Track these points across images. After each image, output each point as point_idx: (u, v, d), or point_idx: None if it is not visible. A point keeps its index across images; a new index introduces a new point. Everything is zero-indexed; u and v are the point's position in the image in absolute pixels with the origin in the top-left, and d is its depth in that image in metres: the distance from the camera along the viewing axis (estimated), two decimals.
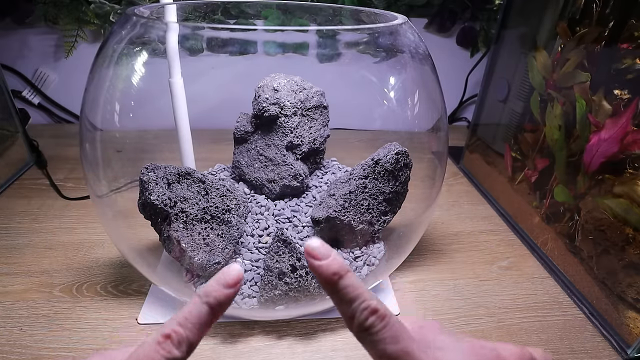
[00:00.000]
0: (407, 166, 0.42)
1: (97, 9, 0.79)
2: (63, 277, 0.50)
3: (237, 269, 0.22)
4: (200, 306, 0.21)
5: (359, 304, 0.21)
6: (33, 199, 0.65)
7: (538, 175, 0.60)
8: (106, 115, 0.42)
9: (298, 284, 0.39)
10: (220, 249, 0.40)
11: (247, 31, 0.37)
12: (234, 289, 0.22)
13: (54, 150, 0.78)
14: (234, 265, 0.22)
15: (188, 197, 0.40)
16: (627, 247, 0.44)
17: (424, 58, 0.43)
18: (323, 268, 0.21)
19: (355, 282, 0.21)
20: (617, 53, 0.47)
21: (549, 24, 0.58)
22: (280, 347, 0.42)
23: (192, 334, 0.21)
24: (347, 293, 0.21)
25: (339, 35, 0.40)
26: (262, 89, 0.46)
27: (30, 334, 0.42)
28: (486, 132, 0.76)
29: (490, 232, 0.63)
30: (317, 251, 0.22)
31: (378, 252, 0.45)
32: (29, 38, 0.85)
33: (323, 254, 0.22)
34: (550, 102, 0.57)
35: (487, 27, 0.93)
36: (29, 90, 0.90)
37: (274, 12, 0.66)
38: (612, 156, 0.47)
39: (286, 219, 0.45)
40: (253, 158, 0.48)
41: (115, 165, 0.45)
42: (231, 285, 0.22)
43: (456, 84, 0.99)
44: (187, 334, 0.21)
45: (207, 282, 0.22)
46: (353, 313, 0.21)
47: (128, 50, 0.40)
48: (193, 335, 0.21)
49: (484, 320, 0.47)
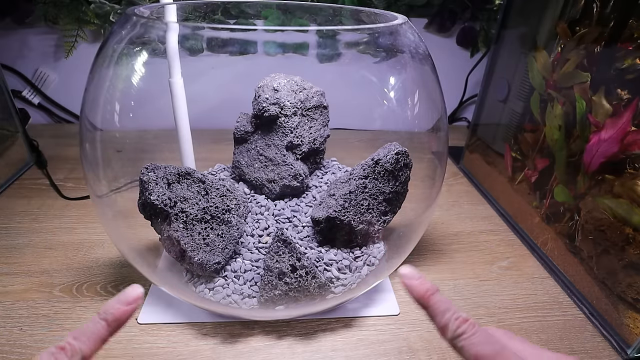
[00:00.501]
0: (407, 166, 0.42)
1: (97, 9, 0.79)
2: (63, 277, 0.50)
3: (137, 290, 0.26)
4: (97, 322, 0.25)
5: (451, 314, 0.25)
6: (33, 199, 0.65)
7: (538, 175, 0.60)
8: (106, 115, 0.42)
9: (298, 284, 0.39)
10: (220, 249, 0.40)
11: (247, 31, 0.37)
12: (131, 306, 0.25)
13: (54, 150, 0.78)
14: (134, 286, 0.26)
15: (188, 197, 0.40)
16: (627, 247, 0.44)
17: (424, 58, 0.43)
18: (418, 286, 0.26)
19: (445, 298, 0.26)
20: (617, 53, 0.47)
21: (549, 24, 0.58)
22: (280, 347, 0.42)
23: (86, 347, 0.24)
24: (440, 306, 0.25)
25: (339, 35, 0.40)
26: (262, 89, 0.46)
27: (30, 334, 0.42)
28: (486, 132, 0.76)
29: (490, 232, 0.63)
30: (410, 274, 0.27)
31: (378, 252, 0.45)
32: (29, 38, 0.85)
33: (415, 276, 0.27)
34: (550, 102, 0.57)
35: (487, 27, 0.93)
36: (29, 90, 0.90)
37: (274, 12, 0.66)
38: (612, 156, 0.47)
39: (286, 219, 0.45)
40: (253, 158, 0.48)
41: (115, 165, 0.45)
42: (129, 302, 0.25)
43: (456, 84, 0.99)
44: (80, 346, 0.23)
45: (108, 301, 0.25)
46: (447, 322, 0.25)
47: (128, 50, 0.40)
48: (86, 347, 0.24)
49: (484, 320, 0.47)
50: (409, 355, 0.42)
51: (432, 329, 0.45)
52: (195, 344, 0.42)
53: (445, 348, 0.43)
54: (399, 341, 0.44)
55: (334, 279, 0.42)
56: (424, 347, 0.43)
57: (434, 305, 0.26)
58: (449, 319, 0.25)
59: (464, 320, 0.25)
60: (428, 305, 0.26)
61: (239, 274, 0.41)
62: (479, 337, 0.24)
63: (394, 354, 0.42)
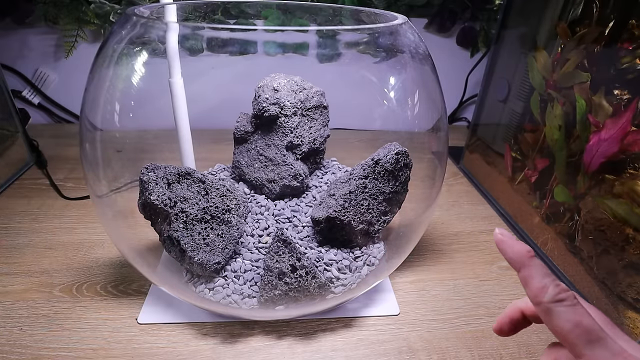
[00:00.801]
0: (407, 166, 0.42)
1: (97, 9, 0.79)
2: (63, 277, 0.50)
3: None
4: None
5: (551, 280, 0.23)
6: (33, 199, 0.65)
7: (538, 175, 0.60)
8: (106, 115, 0.42)
9: (298, 284, 0.39)
10: (220, 249, 0.40)
11: (247, 31, 0.37)
12: None
13: (54, 150, 0.78)
14: None
15: (188, 197, 0.40)
16: (627, 247, 0.44)
17: (424, 58, 0.43)
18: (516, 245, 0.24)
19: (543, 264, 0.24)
20: (617, 53, 0.47)
21: (549, 24, 0.58)
22: (280, 347, 0.42)
23: None
24: (540, 269, 0.24)
25: (339, 35, 0.40)
26: (262, 89, 0.46)
27: (30, 334, 0.42)
28: (486, 132, 0.76)
29: (490, 232, 0.63)
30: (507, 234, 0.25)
31: (378, 252, 0.45)
32: (29, 38, 0.85)
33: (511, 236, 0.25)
34: (550, 102, 0.57)
35: (487, 27, 0.93)
36: (29, 90, 0.90)
37: (274, 12, 0.66)
38: (612, 156, 0.47)
39: (286, 219, 0.45)
40: (253, 158, 0.48)
41: (115, 165, 0.45)
42: None
43: (456, 84, 0.99)
44: None
45: None
46: (545, 285, 0.23)
47: (128, 50, 0.40)
48: None
49: (484, 320, 0.47)
50: (409, 355, 0.42)
51: (432, 329, 0.45)
52: (195, 344, 0.42)
53: (445, 348, 0.43)
54: (399, 341, 0.44)
55: (334, 279, 0.42)
56: (424, 347, 0.43)
57: (535, 266, 0.24)
58: (549, 283, 0.23)
59: (564, 289, 0.23)
60: (526, 266, 0.24)
61: (239, 274, 0.41)
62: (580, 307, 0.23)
63: (394, 354, 0.42)
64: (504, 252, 0.25)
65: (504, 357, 0.42)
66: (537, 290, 0.23)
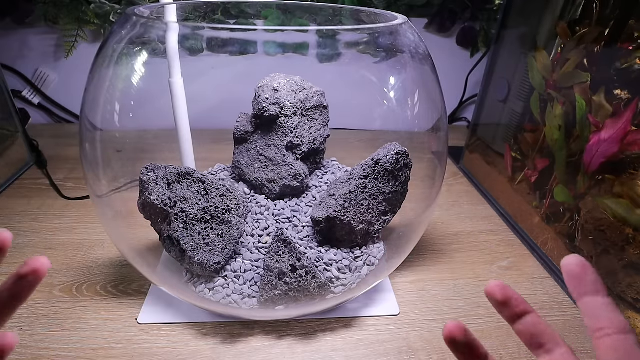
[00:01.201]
0: (407, 166, 0.42)
1: (97, 9, 0.79)
2: (63, 277, 0.50)
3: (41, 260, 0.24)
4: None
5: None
6: (33, 199, 0.65)
7: (538, 175, 0.60)
8: (106, 115, 0.42)
9: (298, 284, 0.39)
10: (220, 249, 0.40)
11: (247, 31, 0.37)
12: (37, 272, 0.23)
13: (54, 150, 0.78)
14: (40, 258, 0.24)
15: (188, 197, 0.40)
16: (627, 247, 0.44)
17: (424, 58, 0.43)
18: (591, 271, 0.24)
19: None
20: (617, 53, 0.47)
21: (549, 24, 0.58)
22: (280, 347, 0.42)
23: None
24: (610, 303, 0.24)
25: (339, 35, 0.40)
26: (262, 89, 0.46)
27: (30, 334, 0.42)
28: (486, 132, 0.76)
29: (490, 232, 0.63)
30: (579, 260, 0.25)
31: (378, 252, 0.45)
32: (29, 38, 0.85)
33: (585, 262, 0.25)
34: (550, 102, 0.57)
35: (487, 27, 0.93)
36: (29, 90, 0.90)
37: (274, 12, 0.66)
38: (612, 156, 0.47)
39: (286, 219, 0.45)
40: (253, 158, 0.48)
41: (115, 165, 0.45)
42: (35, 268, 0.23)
43: (456, 84, 0.99)
44: None
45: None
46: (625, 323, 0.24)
47: (128, 50, 0.40)
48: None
49: (484, 320, 0.47)
50: (409, 355, 0.42)
51: (432, 329, 0.45)
52: (195, 344, 0.42)
53: (445, 348, 0.43)
54: (399, 341, 0.44)
55: (334, 279, 0.42)
56: (424, 347, 0.43)
57: (602, 306, 0.24)
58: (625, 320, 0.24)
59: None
60: (597, 291, 0.24)
61: (239, 274, 0.41)
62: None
63: (394, 354, 0.42)
64: (572, 284, 0.25)
65: (504, 357, 0.42)
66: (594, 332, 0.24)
